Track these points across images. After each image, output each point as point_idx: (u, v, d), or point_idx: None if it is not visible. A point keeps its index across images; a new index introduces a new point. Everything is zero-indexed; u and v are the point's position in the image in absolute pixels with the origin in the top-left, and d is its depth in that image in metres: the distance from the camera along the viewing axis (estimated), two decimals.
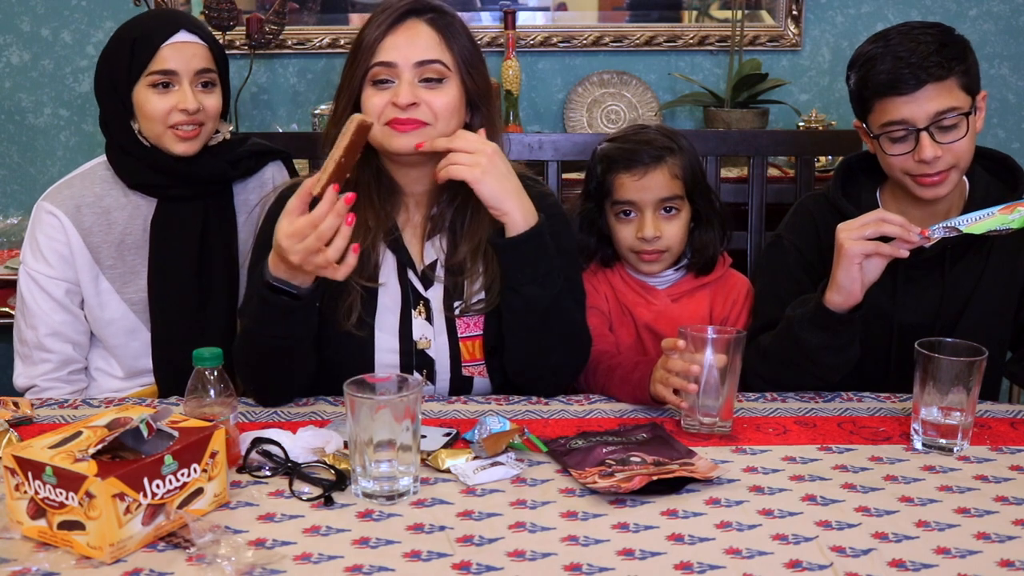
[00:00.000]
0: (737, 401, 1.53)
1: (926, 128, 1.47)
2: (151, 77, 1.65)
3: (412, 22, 1.48)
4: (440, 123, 1.47)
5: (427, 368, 1.56)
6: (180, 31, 1.66)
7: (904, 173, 1.53)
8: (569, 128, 3.15)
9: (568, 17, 3.19)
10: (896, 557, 1.06)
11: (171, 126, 1.65)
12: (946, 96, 1.47)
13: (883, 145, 1.52)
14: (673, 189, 1.71)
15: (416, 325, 1.55)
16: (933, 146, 1.48)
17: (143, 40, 1.65)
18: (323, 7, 3.15)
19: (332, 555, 1.06)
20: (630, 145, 1.74)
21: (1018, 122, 3.28)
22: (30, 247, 1.72)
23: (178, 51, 1.65)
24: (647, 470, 1.22)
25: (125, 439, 1.12)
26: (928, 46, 1.46)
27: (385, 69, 1.46)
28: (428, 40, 1.48)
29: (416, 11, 1.49)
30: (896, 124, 1.49)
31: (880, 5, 3.17)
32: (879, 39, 1.52)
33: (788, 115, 3.10)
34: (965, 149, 1.51)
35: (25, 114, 3.13)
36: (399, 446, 1.17)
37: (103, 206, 1.71)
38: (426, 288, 1.56)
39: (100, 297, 1.72)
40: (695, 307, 1.76)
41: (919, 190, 1.53)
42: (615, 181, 1.72)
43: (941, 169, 1.50)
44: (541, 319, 1.48)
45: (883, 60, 1.48)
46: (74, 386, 1.73)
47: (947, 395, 1.33)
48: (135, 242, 1.73)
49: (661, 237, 1.70)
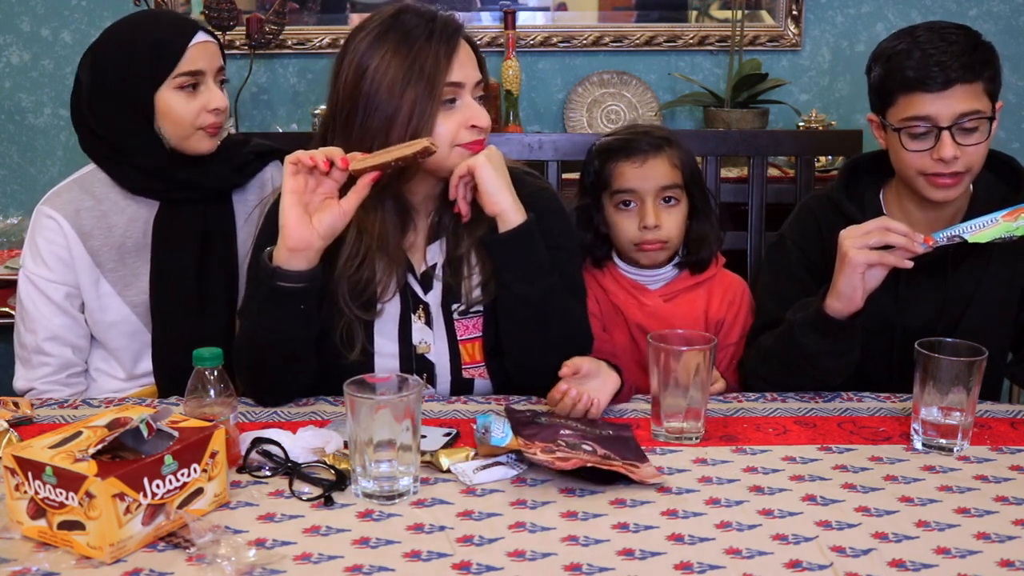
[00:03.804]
0: (737, 401, 1.54)
1: (948, 128, 1.47)
2: (180, 79, 1.65)
3: (460, 41, 1.49)
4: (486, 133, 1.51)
5: (427, 372, 1.56)
6: (199, 31, 1.68)
7: (918, 172, 1.52)
8: (569, 128, 3.15)
9: (568, 17, 3.19)
10: (896, 557, 1.06)
11: (200, 127, 1.67)
12: (973, 99, 1.47)
13: (902, 140, 1.51)
14: (673, 178, 1.71)
15: (415, 330, 1.55)
16: (953, 146, 1.47)
17: (166, 43, 1.64)
18: (323, 7, 3.15)
19: (332, 555, 1.06)
20: (628, 135, 1.75)
21: (1018, 122, 3.28)
22: (30, 251, 1.72)
23: (203, 50, 1.67)
24: (587, 458, 1.23)
25: (125, 439, 1.12)
26: (960, 46, 1.46)
27: (455, 89, 1.47)
28: (471, 57, 1.50)
29: (458, 29, 1.50)
30: (919, 120, 1.49)
31: (880, 5, 3.17)
32: (906, 35, 1.51)
33: (788, 115, 3.10)
34: (981, 155, 1.51)
35: (25, 114, 3.13)
36: (399, 446, 1.18)
37: (103, 209, 1.71)
38: (425, 292, 1.56)
39: (101, 300, 1.72)
40: (688, 307, 1.75)
41: (930, 191, 1.53)
42: (615, 170, 1.72)
43: (956, 171, 1.49)
44: (535, 316, 1.49)
45: (911, 55, 1.47)
46: (73, 389, 1.73)
47: (947, 395, 1.33)
48: (135, 245, 1.73)
49: (662, 227, 1.70)
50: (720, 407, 1.51)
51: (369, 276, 1.51)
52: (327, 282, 1.48)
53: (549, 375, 1.54)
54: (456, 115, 1.47)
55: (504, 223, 1.46)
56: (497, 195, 1.45)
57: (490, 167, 1.45)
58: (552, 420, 1.35)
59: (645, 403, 1.48)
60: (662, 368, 1.35)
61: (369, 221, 1.50)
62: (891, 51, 1.52)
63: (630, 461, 1.26)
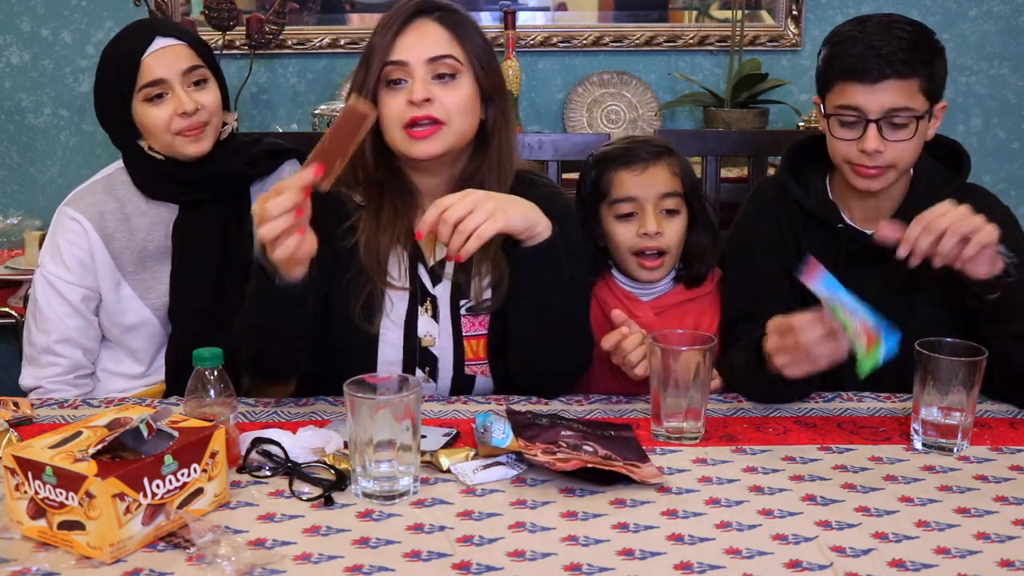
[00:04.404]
0: (737, 401, 1.54)
1: (876, 120, 1.47)
2: (143, 92, 1.64)
3: (421, 21, 1.48)
4: (455, 121, 1.47)
5: (430, 366, 1.55)
6: (156, 38, 1.65)
7: (844, 160, 1.53)
8: (569, 128, 3.15)
9: (568, 17, 3.19)
10: (896, 557, 1.06)
11: (176, 133, 1.66)
12: (904, 94, 1.47)
13: (831, 127, 1.52)
14: (673, 186, 1.68)
15: (422, 322, 1.55)
16: (877, 139, 1.47)
17: (124, 58, 1.65)
18: (323, 7, 3.15)
19: (332, 555, 1.06)
20: (627, 144, 1.73)
21: (1018, 122, 3.28)
22: (50, 251, 1.72)
23: (159, 58, 1.64)
24: (588, 459, 1.23)
25: (125, 439, 1.12)
26: (901, 41, 1.46)
27: (398, 68, 1.46)
28: (438, 37, 1.48)
29: (424, 11, 1.49)
30: (849, 109, 1.49)
31: (880, 5, 3.16)
32: (859, 23, 1.52)
33: (788, 115, 3.09)
34: (908, 151, 1.50)
35: (25, 114, 3.13)
36: (399, 446, 1.18)
37: (125, 212, 1.72)
38: (434, 285, 1.56)
39: (121, 303, 1.72)
40: (678, 322, 1.68)
41: (854, 179, 1.53)
42: (614, 179, 1.69)
43: (879, 164, 1.49)
44: (554, 324, 1.48)
45: (855, 44, 1.48)
46: (80, 389, 1.73)
47: (947, 395, 1.33)
48: (157, 248, 1.73)
49: (663, 235, 1.67)
50: (720, 407, 1.51)
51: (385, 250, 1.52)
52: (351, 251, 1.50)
53: (551, 378, 1.54)
54: (401, 95, 1.46)
55: (534, 239, 1.43)
56: (529, 223, 1.41)
57: (510, 211, 1.38)
58: (552, 422, 1.35)
59: (645, 403, 1.48)
60: (662, 368, 1.35)
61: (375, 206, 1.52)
62: (838, 38, 1.52)
63: (631, 461, 1.26)
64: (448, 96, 1.46)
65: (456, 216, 1.34)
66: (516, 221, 1.39)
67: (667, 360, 1.35)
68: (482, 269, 1.54)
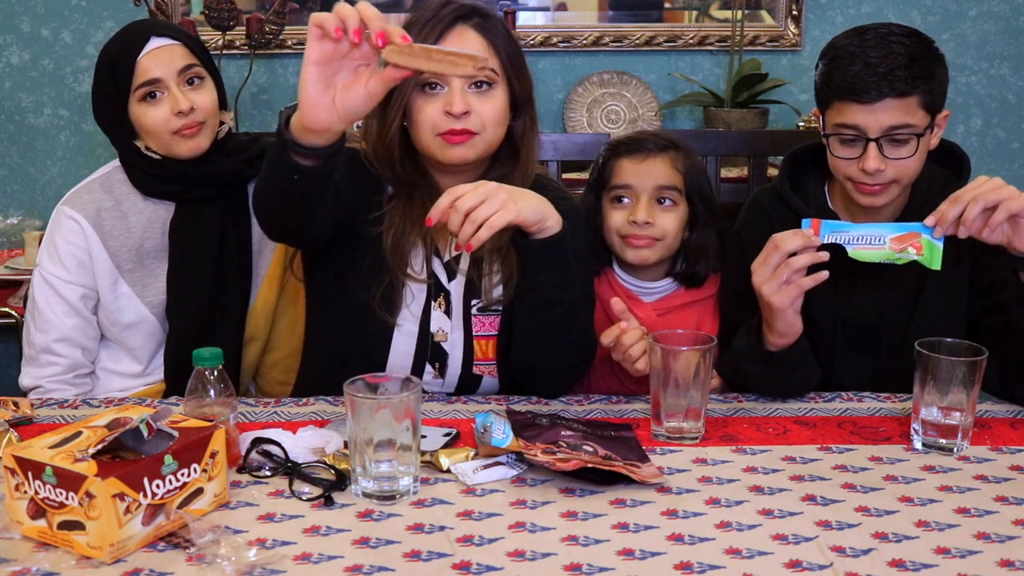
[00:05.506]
0: (737, 401, 1.54)
1: (876, 139, 1.46)
2: (139, 92, 1.65)
3: (461, 28, 1.48)
4: (488, 131, 1.48)
5: (439, 362, 1.56)
6: (151, 38, 1.65)
7: (846, 177, 1.52)
8: (569, 128, 3.15)
9: (568, 17, 3.19)
10: (896, 557, 1.06)
11: (173, 132, 1.66)
12: (904, 112, 1.45)
13: (832, 145, 1.52)
14: (671, 180, 1.68)
15: (435, 317, 1.55)
16: (878, 158, 1.46)
17: (120, 59, 1.65)
18: (323, 7, 3.15)
19: (332, 555, 1.06)
20: (637, 135, 1.75)
21: (1018, 122, 3.28)
22: (47, 251, 1.72)
23: (155, 58, 1.64)
24: (588, 459, 1.23)
25: (125, 439, 1.12)
26: (899, 57, 1.43)
27: (434, 74, 1.44)
28: (477, 46, 1.47)
29: (463, 16, 1.49)
30: (848, 128, 1.47)
31: (880, 5, 3.17)
32: (856, 36, 1.49)
33: (788, 115, 3.10)
34: (911, 167, 1.49)
35: (25, 114, 3.13)
36: (399, 446, 1.18)
37: (122, 210, 1.72)
38: (449, 280, 1.56)
39: (119, 301, 1.72)
40: (680, 324, 1.67)
41: (856, 196, 1.53)
42: (615, 166, 1.71)
43: (881, 182, 1.48)
44: (558, 321, 1.48)
45: (853, 62, 1.45)
46: (79, 388, 1.73)
47: (947, 395, 1.33)
48: (154, 246, 1.73)
49: (654, 224, 1.66)
50: (720, 407, 1.51)
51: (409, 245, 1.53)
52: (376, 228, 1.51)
53: (552, 378, 1.54)
54: (437, 102, 1.46)
55: (544, 232, 1.43)
56: (542, 215, 1.41)
57: (522, 204, 1.37)
58: (553, 423, 1.35)
59: (645, 403, 1.48)
60: (662, 368, 1.35)
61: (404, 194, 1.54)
62: (835, 52, 1.50)
63: (631, 461, 1.26)
64: (484, 106, 1.47)
65: (468, 205, 1.33)
66: (527, 213, 1.39)
67: (667, 360, 1.35)
68: (493, 268, 1.55)
